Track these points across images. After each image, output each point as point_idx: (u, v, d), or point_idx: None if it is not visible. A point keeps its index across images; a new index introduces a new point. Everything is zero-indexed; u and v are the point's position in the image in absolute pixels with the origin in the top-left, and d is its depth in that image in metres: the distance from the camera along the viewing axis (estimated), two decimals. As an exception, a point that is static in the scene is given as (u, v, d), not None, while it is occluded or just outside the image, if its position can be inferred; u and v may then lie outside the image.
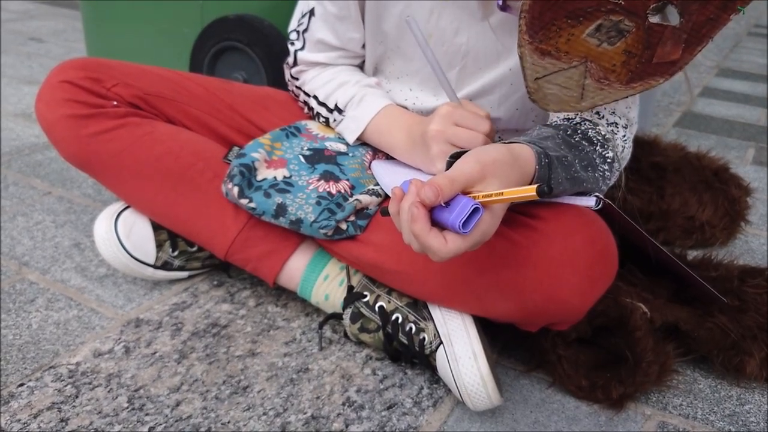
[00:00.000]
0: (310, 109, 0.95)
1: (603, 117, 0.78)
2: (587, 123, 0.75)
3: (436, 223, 0.58)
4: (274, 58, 1.31)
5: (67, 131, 0.85)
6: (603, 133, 0.74)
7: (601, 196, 0.71)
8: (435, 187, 0.55)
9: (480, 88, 0.85)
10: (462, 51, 0.84)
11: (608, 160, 0.73)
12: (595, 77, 0.61)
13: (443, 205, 0.56)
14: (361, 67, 0.97)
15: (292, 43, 0.95)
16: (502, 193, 0.55)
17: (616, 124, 0.78)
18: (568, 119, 0.77)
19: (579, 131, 0.73)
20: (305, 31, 0.92)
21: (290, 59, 0.96)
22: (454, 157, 0.66)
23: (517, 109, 0.87)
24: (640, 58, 0.59)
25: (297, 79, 0.97)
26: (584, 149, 0.71)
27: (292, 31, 0.95)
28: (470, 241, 0.57)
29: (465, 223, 0.55)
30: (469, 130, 0.77)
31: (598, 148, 0.73)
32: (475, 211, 0.56)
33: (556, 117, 0.80)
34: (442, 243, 0.56)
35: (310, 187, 0.83)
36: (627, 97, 0.63)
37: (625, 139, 0.78)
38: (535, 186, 0.52)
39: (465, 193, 0.58)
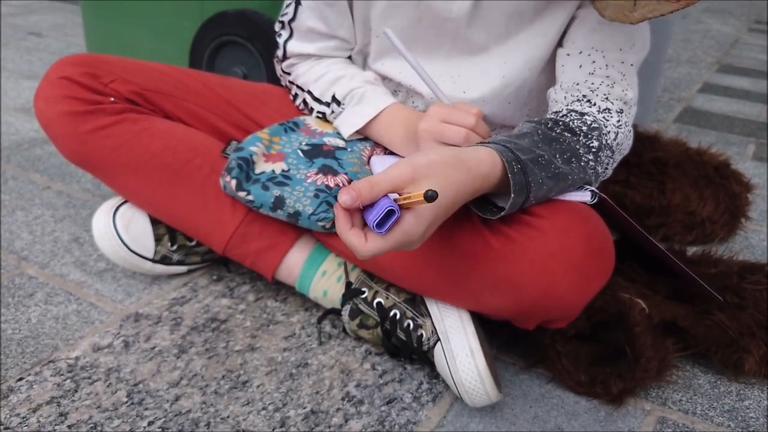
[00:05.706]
0: (305, 104, 0.95)
1: (594, 104, 0.77)
2: (573, 114, 0.75)
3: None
4: (273, 53, 1.31)
5: (65, 128, 0.85)
6: (589, 122, 0.74)
7: (597, 191, 0.71)
8: (354, 192, 0.57)
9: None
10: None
11: (593, 150, 0.73)
12: None
13: (371, 206, 0.59)
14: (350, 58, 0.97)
15: (279, 35, 0.94)
16: (410, 197, 0.57)
17: (609, 110, 0.77)
18: (556, 112, 0.77)
19: (561, 123, 0.73)
20: (292, 20, 0.92)
21: (279, 52, 0.96)
22: None
23: (510, 103, 0.87)
24: None
25: (289, 73, 0.97)
26: (565, 140, 0.71)
27: (277, 22, 0.94)
28: (391, 241, 0.59)
29: (380, 224, 0.58)
30: (455, 126, 0.78)
31: (581, 138, 0.72)
32: (390, 212, 0.57)
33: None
34: (361, 242, 0.59)
35: (309, 180, 0.83)
36: (671, 12, 0.69)
37: (619, 124, 0.77)
38: (422, 192, 0.54)
39: (400, 194, 0.59)
